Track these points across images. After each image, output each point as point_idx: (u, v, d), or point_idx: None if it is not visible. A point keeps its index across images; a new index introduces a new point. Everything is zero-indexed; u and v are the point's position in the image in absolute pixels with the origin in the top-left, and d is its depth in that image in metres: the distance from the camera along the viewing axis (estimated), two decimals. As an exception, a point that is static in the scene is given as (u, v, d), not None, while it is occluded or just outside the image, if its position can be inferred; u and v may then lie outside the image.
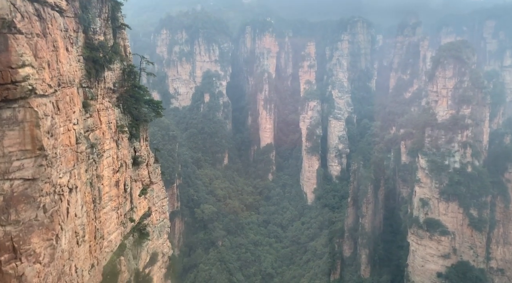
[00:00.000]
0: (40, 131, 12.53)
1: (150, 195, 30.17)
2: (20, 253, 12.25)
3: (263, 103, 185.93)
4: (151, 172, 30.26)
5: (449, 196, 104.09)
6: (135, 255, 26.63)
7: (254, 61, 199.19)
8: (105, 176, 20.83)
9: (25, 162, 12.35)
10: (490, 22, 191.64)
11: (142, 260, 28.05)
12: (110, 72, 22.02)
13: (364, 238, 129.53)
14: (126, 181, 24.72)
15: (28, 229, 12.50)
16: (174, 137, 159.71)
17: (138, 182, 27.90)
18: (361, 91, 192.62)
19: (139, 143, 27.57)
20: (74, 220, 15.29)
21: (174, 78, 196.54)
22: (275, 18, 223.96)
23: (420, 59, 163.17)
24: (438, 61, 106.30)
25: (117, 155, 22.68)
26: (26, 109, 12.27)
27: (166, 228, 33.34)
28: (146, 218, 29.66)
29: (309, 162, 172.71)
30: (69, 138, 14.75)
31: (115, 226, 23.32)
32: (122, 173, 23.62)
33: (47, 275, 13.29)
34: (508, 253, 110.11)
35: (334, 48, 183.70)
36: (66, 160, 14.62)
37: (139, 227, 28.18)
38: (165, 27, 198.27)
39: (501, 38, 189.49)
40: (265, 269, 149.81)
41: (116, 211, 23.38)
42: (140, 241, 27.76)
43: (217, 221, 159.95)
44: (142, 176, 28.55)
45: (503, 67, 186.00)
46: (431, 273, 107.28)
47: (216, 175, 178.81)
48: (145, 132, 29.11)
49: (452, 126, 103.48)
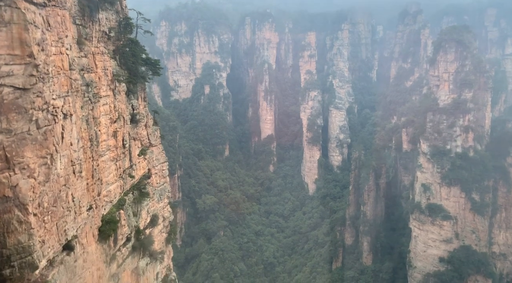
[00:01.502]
0: (29, 36, 12.17)
1: (149, 156, 29.83)
2: (13, 164, 11.97)
3: (264, 94, 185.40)
4: (150, 133, 29.90)
5: (451, 181, 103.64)
6: (135, 212, 26.33)
7: (254, 52, 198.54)
8: (102, 123, 20.45)
9: (14, 68, 12.01)
10: (491, 10, 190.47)
11: (142, 219, 27.76)
12: (104, 15, 21.59)
13: (366, 226, 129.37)
14: (124, 137, 24.33)
15: (21, 141, 12.18)
16: (174, 128, 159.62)
17: (137, 141, 27.53)
18: (362, 82, 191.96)
19: (137, 101, 27.24)
20: (70, 149, 14.94)
21: (174, 71, 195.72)
22: (275, 10, 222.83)
23: (421, 47, 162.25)
24: (440, 45, 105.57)
25: (114, 104, 22.29)
26: (13, 10, 11.86)
27: (166, 193, 33.03)
28: (146, 179, 29.37)
29: (310, 152, 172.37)
30: (62, 61, 14.38)
31: (114, 178, 22.96)
32: (120, 127, 23.22)
33: (42, 194, 12.98)
34: (511, 238, 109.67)
35: (334, 37, 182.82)
36: (59, 83, 14.25)
37: (139, 186, 27.86)
38: (164, 19, 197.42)
39: (503, 26, 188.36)
40: (267, 259, 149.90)
41: (115, 163, 23.01)
42: (140, 199, 27.44)
43: (218, 212, 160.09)
44: (141, 136, 28.17)
45: (504, 56, 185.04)
46: (433, 258, 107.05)
47: (217, 166, 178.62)
48: (143, 92, 28.77)
49: (453, 110, 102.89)
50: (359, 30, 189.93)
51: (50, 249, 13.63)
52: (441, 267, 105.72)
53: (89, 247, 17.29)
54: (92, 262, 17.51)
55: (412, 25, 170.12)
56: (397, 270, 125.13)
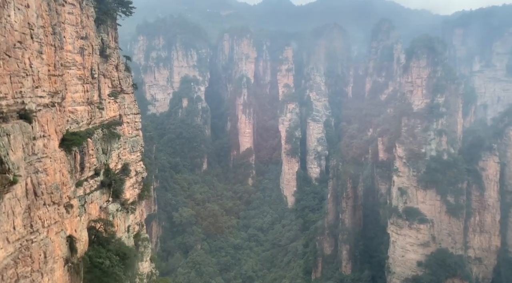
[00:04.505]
0: None
1: (121, 102, 28.74)
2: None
3: (242, 107, 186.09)
4: (122, 78, 28.95)
5: (426, 184, 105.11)
6: (104, 150, 25.01)
7: (232, 67, 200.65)
8: (67, 30, 19.52)
9: None
10: (459, 30, 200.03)
11: (113, 161, 26.41)
12: None
13: (345, 234, 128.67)
14: (93, 66, 23.35)
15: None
16: (151, 138, 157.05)
17: (107, 79, 26.54)
18: (338, 96, 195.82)
19: (107, 36, 26.45)
20: (26, 8, 13.89)
21: (151, 85, 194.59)
22: (253, 28, 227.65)
23: (395, 61, 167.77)
24: (412, 51, 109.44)
25: (82, 19, 21.40)
26: None
27: (139, 146, 31.78)
28: (118, 125, 28.13)
29: (289, 164, 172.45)
30: None
31: (81, 100, 21.81)
32: (88, 47, 22.26)
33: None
34: (485, 242, 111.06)
35: (311, 52, 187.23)
36: None
37: (109, 126, 26.61)
38: (141, 33, 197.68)
39: (470, 45, 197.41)
40: (245, 272, 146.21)
41: (82, 84, 21.92)
42: (110, 140, 26.14)
43: (195, 225, 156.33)
44: (111, 75, 27.22)
45: (472, 73, 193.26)
46: (411, 263, 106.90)
47: (195, 180, 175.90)
48: (114, 31, 28.05)
49: (427, 114, 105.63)
50: (335, 46, 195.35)
51: (3, 100, 12.50)
52: (419, 271, 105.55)
53: (51, 140, 16.04)
54: (55, 159, 16.20)
55: (385, 40, 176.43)
56: (376, 278, 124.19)
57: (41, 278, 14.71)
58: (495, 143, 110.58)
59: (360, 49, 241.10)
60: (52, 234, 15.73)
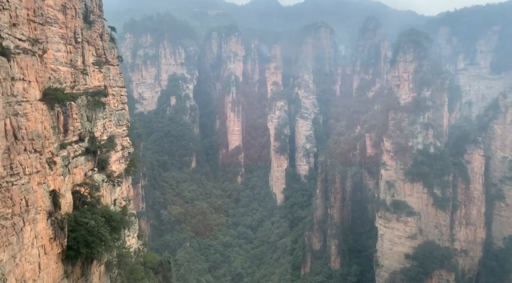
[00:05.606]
0: None
1: (106, 72, 28.29)
2: None
3: (231, 105, 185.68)
4: (107, 48, 28.53)
5: (413, 177, 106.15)
6: (89, 117, 24.54)
7: (221, 65, 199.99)
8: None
9: None
10: (444, 28, 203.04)
11: (98, 131, 25.96)
12: None
13: (333, 229, 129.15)
14: (76, 30, 22.92)
15: None
16: (138, 135, 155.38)
17: (91, 46, 26.08)
18: (326, 94, 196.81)
19: (90, 2, 26.01)
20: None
21: (138, 83, 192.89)
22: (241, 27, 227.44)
23: (382, 59, 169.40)
24: (399, 46, 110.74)
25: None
26: None
27: (125, 121, 31.31)
28: (103, 96, 27.65)
29: (278, 162, 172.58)
30: None
31: (64, 60, 21.34)
32: (71, 7, 21.80)
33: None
34: (471, 234, 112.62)
35: (299, 51, 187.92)
36: None
37: (94, 95, 26.12)
38: (128, 31, 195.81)
39: (454, 44, 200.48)
40: (234, 270, 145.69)
41: (65, 45, 21.49)
42: (95, 108, 25.66)
43: (184, 223, 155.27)
44: (95, 43, 26.76)
45: (457, 71, 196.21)
46: (399, 255, 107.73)
47: (183, 178, 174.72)
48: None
49: (414, 108, 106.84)
50: (323, 44, 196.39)
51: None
52: (406, 263, 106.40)
53: (31, 88, 15.60)
54: (36, 108, 15.74)
55: (372, 39, 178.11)
56: (365, 273, 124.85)
57: (22, 225, 14.31)
58: (480, 136, 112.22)
59: (347, 48, 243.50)
60: (34, 183, 15.33)
